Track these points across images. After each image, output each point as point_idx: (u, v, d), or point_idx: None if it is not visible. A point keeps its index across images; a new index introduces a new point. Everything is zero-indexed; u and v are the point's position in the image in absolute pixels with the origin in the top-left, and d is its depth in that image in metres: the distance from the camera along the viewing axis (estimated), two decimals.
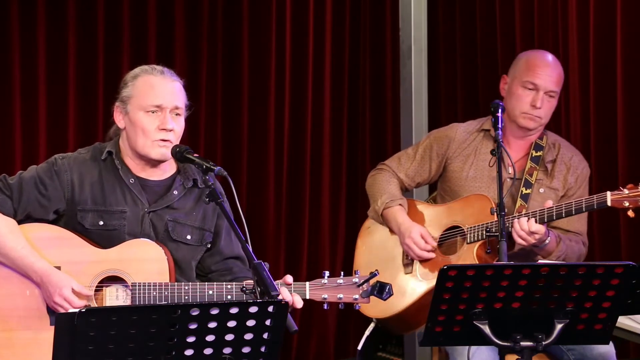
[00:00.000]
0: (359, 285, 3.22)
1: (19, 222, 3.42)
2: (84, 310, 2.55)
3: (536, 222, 3.74)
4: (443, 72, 5.75)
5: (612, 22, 4.70)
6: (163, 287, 3.31)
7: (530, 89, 3.95)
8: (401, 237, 3.99)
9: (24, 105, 5.05)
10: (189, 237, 3.48)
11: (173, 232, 3.47)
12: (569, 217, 3.78)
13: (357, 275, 3.24)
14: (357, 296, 3.23)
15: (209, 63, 5.46)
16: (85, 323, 2.55)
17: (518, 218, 3.77)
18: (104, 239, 3.41)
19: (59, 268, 3.36)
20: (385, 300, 3.20)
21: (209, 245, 3.54)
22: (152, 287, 3.31)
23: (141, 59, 5.25)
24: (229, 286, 3.30)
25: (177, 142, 3.44)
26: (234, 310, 2.64)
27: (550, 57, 4.05)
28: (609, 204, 3.65)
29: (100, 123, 5.17)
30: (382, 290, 3.18)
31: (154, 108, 3.41)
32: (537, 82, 3.94)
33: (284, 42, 5.61)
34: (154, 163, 3.47)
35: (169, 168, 3.54)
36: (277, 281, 3.16)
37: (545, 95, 3.95)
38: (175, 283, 3.34)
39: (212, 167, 3.31)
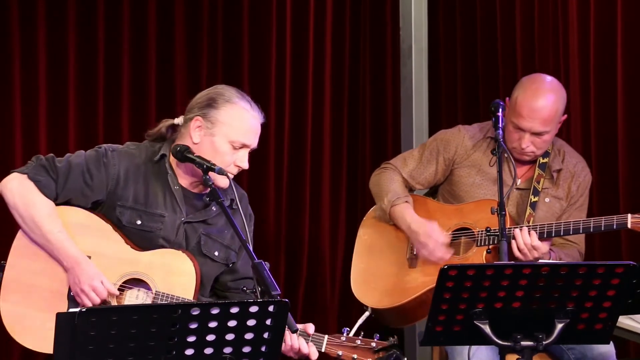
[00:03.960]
0: (375, 352, 3.22)
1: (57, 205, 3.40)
2: (84, 309, 2.55)
3: (544, 235, 3.72)
4: (443, 72, 5.74)
5: (612, 22, 4.70)
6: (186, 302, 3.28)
7: (517, 129, 3.87)
8: (413, 235, 3.95)
9: (24, 104, 5.05)
10: (217, 253, 3.48)
11: (204, 247, 3.46)
12: None
13: (375, 340, 3.24)
14: None
15: (209, 62, 5.46)
16: (85, 322, 2.55)
17: (520, 229, 3.74)
18: (138, 238, 3.41)
19: (89, 257, 3.36)
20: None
21: (231, 265, 3.54)
22: (174, 300, 3.31)
23: (141, 58, 5.26)
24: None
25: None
26: (234, 310, 2.64)
27: (539, 95, 3.84)
28: (629, 226, 3.62)
29: (100, 122, 5.17)
30: None
31: (240, 145, 3.42)
32: (521, 126, 3.84)
33: (284, 41, 5.61)
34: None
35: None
36: (299, 325, 3.18)
37: (534, 135, 3.86)
38: (196, 302, 3.32)
39: (212, 166, 3.32)
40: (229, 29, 5.50)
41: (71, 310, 2.55)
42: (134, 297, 3.36)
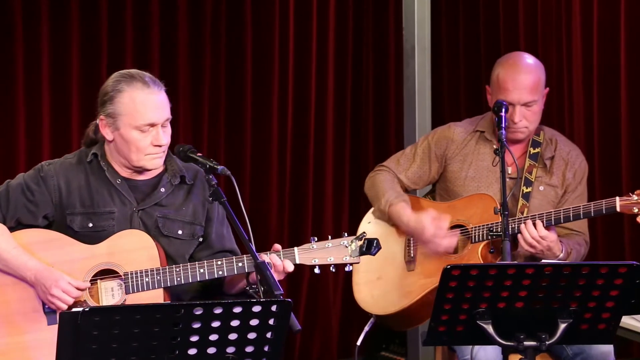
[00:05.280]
0: (347, 246, 3.25)
1: (11, 230, 3.43)
2: (87, 309, 2.55)
3: (543, 225, 3.73)
4: (446, 72, 5.75)
5: (615, 19, 4.69)
6: (155, 272, 3.32)
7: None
8: (415, 234, 3.95)
9: (27, 106, 5.05)
10: (180, 232, 3.49)
11: (164, 228, 3.47)
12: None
13: (345, 237, 3.29)
14: (347, 257, 3.28)
15: (212, 62, 5.46)
16: (88, 322, 2.55)
17: (524, 221, 3.75)
18: (94, 240, 3.42)
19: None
20: (374, 255, 3.26)
21: (200, 239, 3.54)
22: (144, 274, 3.33)
23: (144, 59, 5.25)
24: (219, 262, 3.32)
25: (166, 149, 3.46)
26: (237, 310, 2.64)
27: (520, 67, 3.90)
28: (618, 209, 3.63)
29: None
30: (370, 246, 3.22)
31: (147, 127, 3.41)
32: (509, 99, 3.85)
33: (287, 41, 5.61)
34: (142, 169, 3.49)
35: None
36: (266, 252, 3.24)
37: (523, 107, 3.87)
38: (167, 267, 3.34)
39: (215, 166, 3.32)
40: (232, 29, 5.50)
41: (74, 310, 2.56)
42: (109, 287, 3.37)
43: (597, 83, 4.79)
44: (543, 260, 3.75)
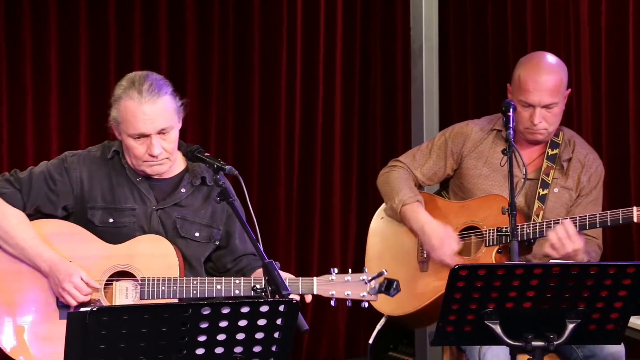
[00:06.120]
0: (367, 283, 3.23)
1: (30, 217, 3.45)
2: (95, 309, 2.56)
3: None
4: (454, 71, 5.74)
5: (624, 17, 4.68)
6: (172, 282, 3.33)
7: (526, 106, 3.86)
8: (425, 238, 3.92)
9: (35, 105, 5.07)
10: (197, 234, 3.50)
11: (182, 229, 3.49)
12: None
13: (365, 272, 3.26)
14: (364, 293, 3.26)
15: (220, 62, 5.46)
16: (96, 322, 2.55)
17: (553, 224, 3.71)
18: (113, 236, 3.44)
19: (70, 262, 3.39)
20: (392, 296, 3.22)
21: (217, 243, 3.55)
22: (160, 282, 3.34)
23: (152, 59, 5.27)
24: (237, 281, 3.33)
25: (171, 155, 3.46)
26: (245, 310, 2.64)
27: (542, 68, 3.88)
28: (635, 220, 3.61)
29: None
30: (389, 287, 3.19)
31: (138, 136, 3.42)
32: (529, 101, 3.84)
33: (295, 41, 5.61)
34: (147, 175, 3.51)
35: (177, 166, 3.56)
36: (285, 276, 3.20)
37: (544, 109, 3.85)
38: (184, 278, 3.36)
39: (223, 166, 3.32)
40: (240, 28, 5.50)
41: (82, 309, 2.56)
42: (124, 289, 3.37)
43: (605, 82, 4.77)
44: (551, 260, 3.74)
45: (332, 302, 3.29)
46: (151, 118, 3.40)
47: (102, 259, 3.39)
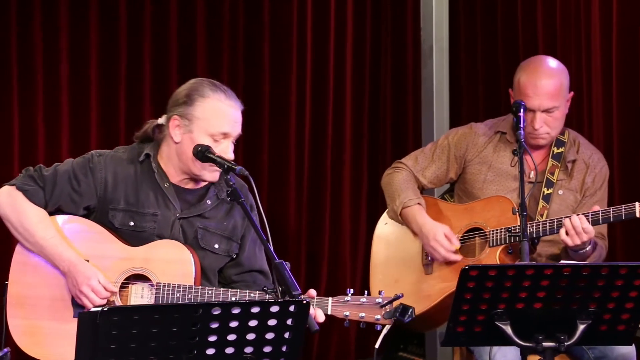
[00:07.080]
0: (382, 306, 3.22)
1: (50, 214, 3.45)
2: (106, 309, 2.56)
3: (554, 231, 3.70)
4: (464, 72, 5.73)
5: (635, 19, 4.67)
6: (187, 289, 3.32)
7: (527, 111, 3.84)
8: (424, 239, 3.93)
9: (46, 107, 5.06)
10: (216, 246, 3.49)
11: (202, 240, 3.48)
12: None
13: (381, 296, 3.24)
14: (379, 316, 3.24)
15: (230, 62, 5.46)
16: (107, 322, 2.56)
17: (556, 223, 3.71)
18: (132, 239, 3.44)
19: (87, 261, 3.40)
20: (405, 322, 3.20)
21: (234, 256, 3.55)
22: (176, 289, 3.33)
23: (163, 60, 5.27)
24: (252, 294, 3.32)
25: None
26: (255, 310, 2.65)
27: (541, 72, 3.88)
28: (637, 215, 3.61)
29: (122, 125, 5.18)
30: (404, 312, 3.17)
31: (221, 136, 3.42)
32: (529, 105, 3.83)
33: (305, 42, 5.61)
34: (198, 179, 3.48)
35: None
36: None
37: (544, 114, 3.85)
38: (199, 287, 3.35)
39: (233, 166, 3.32)
40: (250, 29, 5.50)
41: (93, 309, 2.57)
42: (139, 292, 3.38)
43: (617, 85, 4.76)
44: (562, 261, 3.74)
45: (345, 323, 3.29)
46: (237, 121, 3.48)
47: (120, 260, 3.39)
